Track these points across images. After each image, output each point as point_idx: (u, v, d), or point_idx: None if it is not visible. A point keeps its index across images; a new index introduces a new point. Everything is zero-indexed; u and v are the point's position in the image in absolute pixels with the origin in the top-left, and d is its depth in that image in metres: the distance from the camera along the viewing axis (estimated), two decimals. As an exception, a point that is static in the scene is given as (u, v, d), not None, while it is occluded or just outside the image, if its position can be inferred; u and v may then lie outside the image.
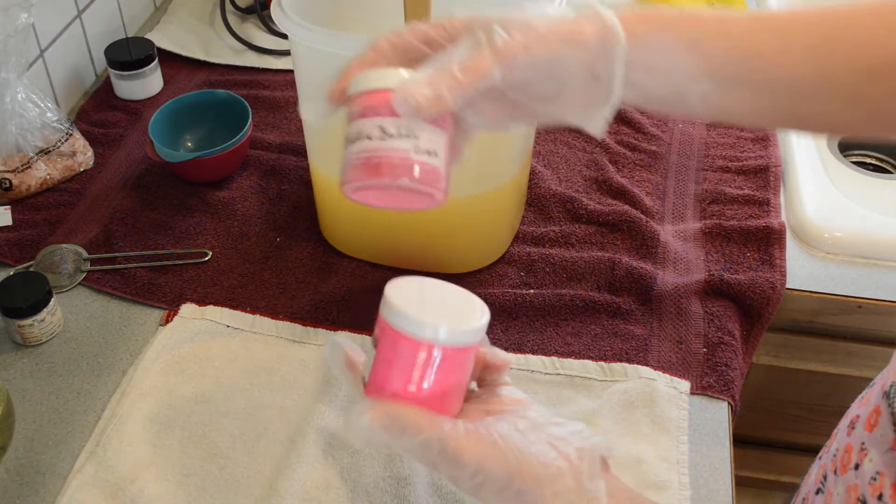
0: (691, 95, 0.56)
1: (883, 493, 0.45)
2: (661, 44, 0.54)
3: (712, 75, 0.56)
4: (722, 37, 0.55)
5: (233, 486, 0.69)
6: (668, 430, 0.73)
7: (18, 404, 0.75)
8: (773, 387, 1.06)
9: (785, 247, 0.90)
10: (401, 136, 0.50)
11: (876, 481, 0.46)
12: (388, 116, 0.50)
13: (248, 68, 1.15)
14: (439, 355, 0.48)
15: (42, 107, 0.95)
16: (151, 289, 0.85)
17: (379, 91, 0.50)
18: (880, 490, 0.45)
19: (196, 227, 0.91)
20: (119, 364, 0.79)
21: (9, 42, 0.87)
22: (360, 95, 0.51)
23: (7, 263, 0.87)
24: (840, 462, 0.51)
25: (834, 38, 0.54)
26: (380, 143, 0.49)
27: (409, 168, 0.49)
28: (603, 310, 0.83)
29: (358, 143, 0.50)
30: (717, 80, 0.56)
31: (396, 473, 0.70)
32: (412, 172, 0.50)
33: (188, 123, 0.99)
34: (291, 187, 0.96)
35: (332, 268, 0.87)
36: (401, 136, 0.50)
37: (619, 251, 0.89)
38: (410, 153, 0.50)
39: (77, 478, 0.69)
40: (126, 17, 1.19)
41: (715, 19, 0.56)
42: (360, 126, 0.50)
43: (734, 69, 0.55)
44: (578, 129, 1.01)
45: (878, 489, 0.45)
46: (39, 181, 0.94)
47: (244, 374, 0.77)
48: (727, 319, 0.83)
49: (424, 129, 0.50)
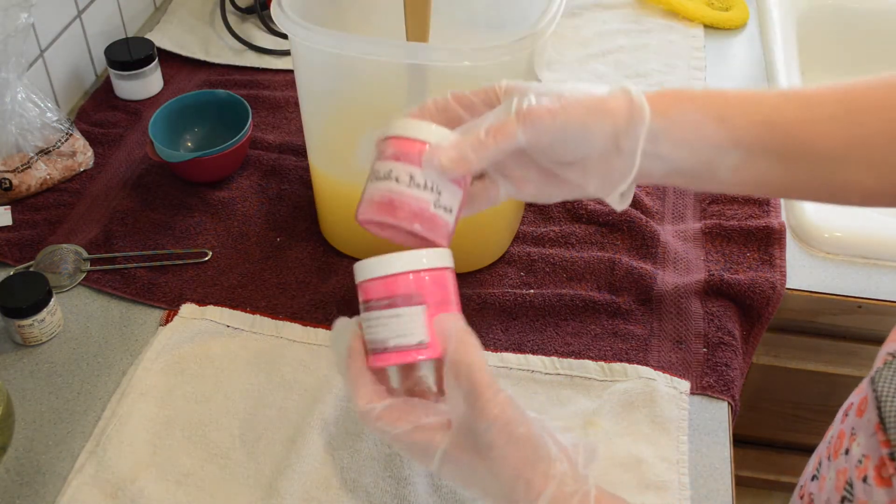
0: (721, 166, 0.59)
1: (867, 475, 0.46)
2: (689, 119, 0.57)
3: (741, 145, 0.58)
4: (750, 110, 0.58)
5: (233, 486, 0.69)
6: (668, 430, 0.73)
7: (18, 404, 0.75)
8: (773, 387, 1.06)
9: (785, 247, 0.90)
10: (426, 189, 0.54)
11: (861, 464, 0.47)
12: (420, 167, 0.55)
13: (248, 68, 1.15)
14: None
15: (42, 107, 0.95)
16: (151, 289, 0.85)
17: (416, 141, 0.55)
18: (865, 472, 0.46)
19: (196, 227, 0.91)
20: (119, 364, 0.79)
21: (9, 42, 0.87)
22: (397, 139, 0.55)
23: (7, 263, 0.87)
24: (833, 448, 0.52)
25: (861, 106, 0.57)
26: (405, 189, 0.54)
27: (424, 218, 0.55)
28: (603, 310, 0.83)
29: (386, 182, 0.54)
30: (746, 150, 0.58)
31: (396, 473, 0.70)
32: (426, 222, 0.55)
33: (188, 123, 0.99)
34: (291, 187, 0.96)
35: (332, 268, 0.87)
36: (426, 188, 0.54)
37: (619, 251, 0.89)
38: (430, 206, 0.55)
39: (77, 478, 0.69)
40: (126, 17, 1.19)
41: (741, 95, 0.59)
42: (392, 167, 0.55)
43: (763, 140, 0.58)
44: None
45: (863, 472, 0.46)
46: (39, 181, 0.94)
47: (244, 374, 0.77)
48: (727, 319, 0.83)
49: (447, 187, 0.55)
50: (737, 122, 0.57)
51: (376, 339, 0.53)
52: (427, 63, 0.75)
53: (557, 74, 1.13)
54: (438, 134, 0.55)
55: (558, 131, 0.55)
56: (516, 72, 0.78)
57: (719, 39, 1.24)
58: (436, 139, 0.55)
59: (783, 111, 0.58)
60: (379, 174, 0.55)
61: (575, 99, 0.56)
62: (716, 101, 0.58)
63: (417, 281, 0.53)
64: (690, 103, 0.58)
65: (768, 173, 0.59)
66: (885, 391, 0.45)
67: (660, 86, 1.13)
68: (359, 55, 0.71)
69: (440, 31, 0.80)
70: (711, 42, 1.23)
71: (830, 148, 0.57)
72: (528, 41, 0.70)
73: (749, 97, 0.59)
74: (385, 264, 0.53)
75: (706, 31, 1.25)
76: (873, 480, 0.45)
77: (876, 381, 0.46)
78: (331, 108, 0.84)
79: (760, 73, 1.18)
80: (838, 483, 0.49)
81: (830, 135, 0.57)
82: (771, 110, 0.58)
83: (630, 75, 1.15)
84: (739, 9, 1.28)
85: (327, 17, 0.80)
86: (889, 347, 0.48)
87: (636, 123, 0.56)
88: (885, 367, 0.47)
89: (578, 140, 0.56)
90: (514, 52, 0.69)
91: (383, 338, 0.53)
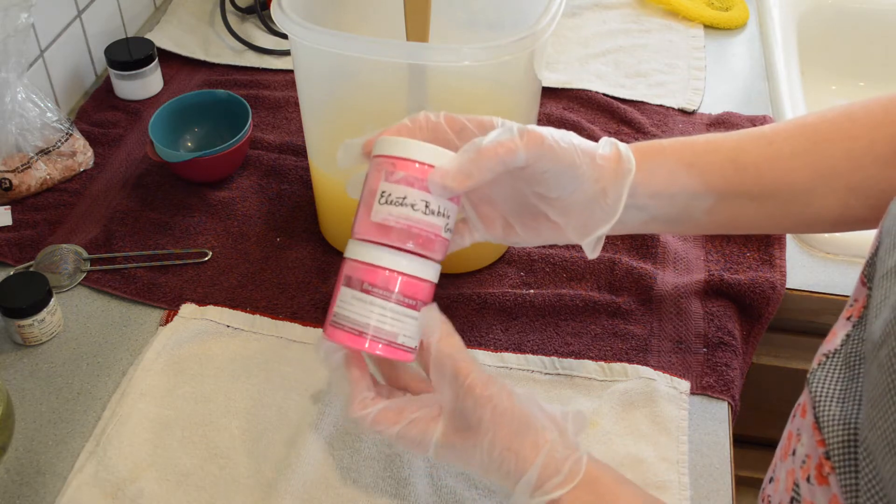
0: (695, 210, 0.63)
1: (810, 474, 0.47)
2: (663, 169, 0.61)
3: (712, 189, 0.62)
4: (716, 153, 0.62)
5: (233, 486, 0.69)
6: (668, 430, 0.73)
7: (18, 404, 0.75)
8: (773, 387, 1.06)
9: (785, 247, 0.90)
10: (438, 215, 0.57)
11: (805, 464, 0.48)
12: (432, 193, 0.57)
13: (248, 68, 1.15)
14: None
15: (42, 107, 0.95)
16: (151, 289, 0.85)
17: (426, 165, 0.56)
18: (808, 472, 0.47)
19: (196, 227, 0.91)
20: (119, 364, 0.79)
21: (9, 42, 0.87)
22: (406, 161, 0.57)
23: (7, 263, 0.87)
24: (783, 450, 0.53)
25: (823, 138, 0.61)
26: (422, 217, 0.56)
27: (436, 244, 0.58)
28: (603, 310, 0.83)
29: (402, 209, 0.56)
30: (718, 193, 0.62)
31: (396, 473, 0.70)
32: (438, 247, 0.58)
33: (188, 123, 0.99)
34: (291, 187, 0.96)
35: (332, 268, 0.87)
36: (439, 214, 0.57)
37: (619, 251, 0.89)
38: (441, 231, 0.58)
39: (77, 478, 0.69)
40: (126, 17, 1.19)
41: (707, 139, 0.64)
42: (406, 192, 0.56)
43: (732, 181, 0.62)
44: (578, 130, 1.02)
45: (806, 471, 0.47)
46: (39, 181, 0.94)
47: (244, 374, 0.77)
48: (727, 319, 0.83)
49: (452, 211, 0.58)
50: (705, 165, 0.61)
51: (382, 329, 0.56)
52: (427, 63, 0.75)
53: (557, 74, 1.13)
54: (443, 157, 0.57)
55: (556, 160, 0.58)
56: (516, 72, 0.78)
57: (719, 39, 1.24)
58: (442, 162, 0.56)
59: (748, 151, 0.62)
60: (391, 198, 0.56)
61: (570, 139, 0.59)
62: (684, 149, 0.63)
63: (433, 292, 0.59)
64: (661, 155, 0.62)
65: (741, 212, 0.63)
66: (819, 391, 0.46)
67: (660, 86, 1.13)
68: (359, 55, 0.71)
69: (440, 31, 0.80)
70: (711, 42, 1.23)
71: (798, 182, 0.61)
72: (528, 41, 0.70)
73: (714, 140, 0.63)
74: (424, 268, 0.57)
75: (706, 31, 1.25)
76: (815, 479, 0.46)
77: (810, 381, 0.48)
78: (331, 107, 0.84)
79: (760, 73, 1.18)
80: (787, 484, 0.50)
81: (797, 170, 0.61)
82: (736, 151, 0.62)
83: (630, 75, 1.15)
84: (739, 9, 1.28)
85: (327, 17, 0.80)
86: (824, 348, 0.49)
87: (624, 173, 0.60)
88: (818, 367, 0.48)
89: (570, 176, 0.59)
90: (514, 52, 0.69)
91: (395, 332, 0.57)
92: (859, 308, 0.48)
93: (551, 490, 0.54)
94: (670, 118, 1.08)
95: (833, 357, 0.48)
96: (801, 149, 0.61)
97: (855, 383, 0.45)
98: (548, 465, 0.54)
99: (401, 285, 0.56)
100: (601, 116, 1.07)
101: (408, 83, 0.78)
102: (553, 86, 1.10)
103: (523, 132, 0.57)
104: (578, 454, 0.55)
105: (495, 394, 0.55)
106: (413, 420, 0.56)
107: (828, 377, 0.47)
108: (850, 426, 0.43)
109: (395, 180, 0.56)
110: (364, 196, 0.59)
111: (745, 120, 1.07)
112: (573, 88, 1.10)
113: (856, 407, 0.43)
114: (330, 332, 0.57)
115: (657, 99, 1.10)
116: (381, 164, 0.57)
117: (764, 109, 1.11)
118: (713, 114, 1.09)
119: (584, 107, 1.08)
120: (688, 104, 1.10)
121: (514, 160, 0.56)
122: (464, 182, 0.55)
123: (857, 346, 0.47)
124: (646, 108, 1.09)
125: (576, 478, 0.54)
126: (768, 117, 1.08)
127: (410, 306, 0.57)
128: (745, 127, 1.05)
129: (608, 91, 1.10)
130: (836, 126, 0.61)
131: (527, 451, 0.55)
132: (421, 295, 0.58)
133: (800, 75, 1.21)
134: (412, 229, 0.56)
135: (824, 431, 0.44)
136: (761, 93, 1.14)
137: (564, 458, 0.55)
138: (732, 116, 1.08)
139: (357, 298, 0.56)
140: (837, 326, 0.50)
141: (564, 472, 0.54)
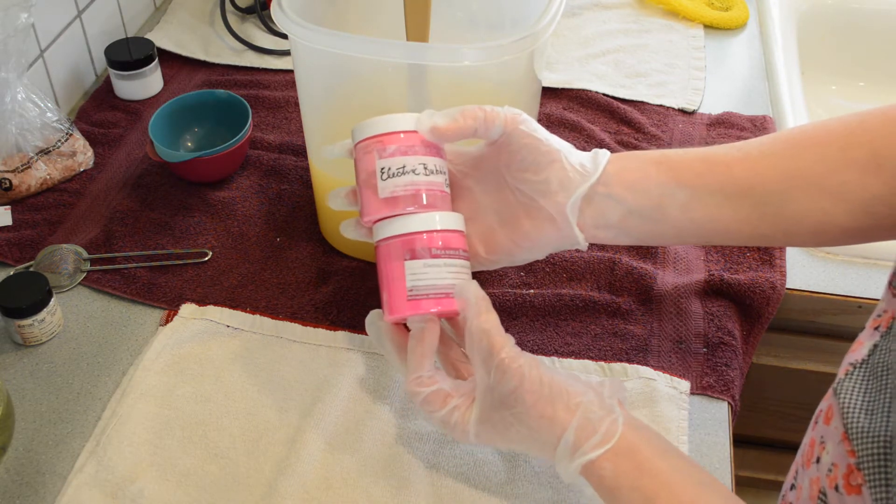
0: (669, 205, 0.64)
1: (838, 483, 0.46)
2: (633, 163, 0.64)
3: (683, 184, 0.63)
4: (682, 154, 0.65)
5: (233, 486, 0.69)
6: (668, 430, 0.73)
7: (18, 404, 0.75)
8: (773, 387, 1.06)
9: (785, 247, 0.90)
10: (437, 173, 0.62)
11: (832, 472, 0.48)
12: (425, 155, 0.61)
13: (248, 68, 1.15)
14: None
15: (42, 107, 0.95)
16: (151, 289, 0.85)
17: (410, 132, 0.61)
18: (836, 481, 0.47)
19: (196, 227, 0.91)
20: (119, 364, 0.79)
21: (9, 42, 0.87)
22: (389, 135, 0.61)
23: (7, 263, 0.87)
24: (806, 457, 0.53)
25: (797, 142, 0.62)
26: (424, 178, 0.61)
27: (441, 198, 0.63)
28: (603, 310, 0.83)
29: (405, 177, 0.61)
30: (691, 188, 0.63)
31: (396, 473, 0.70)
32: (443, 201, 0.63)
33: (188, 123, 0.99)
34: (291, 187, 0.96)
35: (332, 268, 0.87)
36: (437, 172, 0.62)
37: (619, 251, 0.89)
38: (444, 187, 0.63)
39: (77, 478, 0.69)
40: (126, 17, 1.19)
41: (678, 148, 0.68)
42: (403, 161, 0.61)
43: (703, 176, 0.63)
44: (578, 129, 1.03)
45: (834, 480, 0.47)
46: (39, 181, 0.94)
47: (244, 374, 0.77)
48: (727, 319, 0.83)
49: (444, 166, 0.64)
50: (674, 161, 0.64)
51: (438, 285, 0.60)
52: (427, 63, 0.75)
53: (557, 74, 1.13)
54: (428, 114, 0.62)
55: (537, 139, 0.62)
56: (516, 72, 0.78)
57: (719, 39, 1.24)
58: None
59: (718, 152, 0.64)
60: (391, 171, 0.61)
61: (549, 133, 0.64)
62: (656, 152, 0.65)
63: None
64: (634, 154, 0.65)
65: (718, 213, 0.63)
66: (847, 402, 0.46)
67: (660, 86, 1.13)
68: (359, 55, 0.71)
69: (440, 31, 0.80)
70: (711, 42, 1.23)
71: (769, 182, 0.61)
72: (528, 41, 0.70)
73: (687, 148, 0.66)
74: (453, 220, 0.63)
75: (706, 30, 1.25)
76: (843, 489, 0.46)
77: (838, 392, 0.48)
78: (331, 108, 0.84)
79: (760, 73, 1.18)
80: (812, 492, 0.50)
81: (767, 169, 0.62)
82: (706, 152, 0.64)
83: (630, 75, 1.15)
84: (739, 9, 1.28)
85: (327, 17, 0.80)
86: (850, 358, 0.49)
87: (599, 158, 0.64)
88: (846, 377, 0.48)
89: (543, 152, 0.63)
90: (514, 52, 0.69)
91: (449, 283, 0.61)
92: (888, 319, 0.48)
93: (589, 451, 0.55)
94: (670, 118, 1.08)
95: (860, 367, 0.48)
96: (769, 151, 0.62)
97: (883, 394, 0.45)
98: (584, 427, 0.56)
99: (451, 240, 0.61)
100: (601, 116, 1.07)
101: (408, 83, 0.78)
102: (553, 86, 1.10)
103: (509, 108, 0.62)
104: (615, 415, 0.56)
105: (525, 364, 0.57)
106: (455, 406, 0.60)
107: (855, 387, 0.47)
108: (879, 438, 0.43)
109: (388, 154, 0.61)
110: (363, 181, 0.62)
111: (745, 120, 1.07)
112: (573, 88, 1.10)
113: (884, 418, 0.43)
114: (413, 306, 0.61)
115: (657, 99, 1.10)
116: (369, 147, 0.61)
117: (764, 109, 1.11)
118: (713, 114, 1.09)
119: (584, 107, 1.08)
120: (688, 104, 1.10)
121: (493, 121, 0.61)
122: (450, 126, 0.60)
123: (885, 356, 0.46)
124: (646, 108, 1.09)
125: (612, 437, 0.55)
126: (768, 117, 1.08)
127: (464, 257, 0.62)
128: (745, 127, 1.06)
129: (608, 91, 1.10)
130: (809, 133, 0.62)
131: (561, 415, 0.57)
132: (465, 244, 0.63)
133: (800, 75, 1.21)
134: (421, 192, 0.61)
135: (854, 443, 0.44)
136: (761, 93, 1.14)
137: (600, 419, 0.56)
138: (732, 116, 1.08)
139: (429, 265, 0.60)
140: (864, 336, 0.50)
141: (602, 431, 0.56)
